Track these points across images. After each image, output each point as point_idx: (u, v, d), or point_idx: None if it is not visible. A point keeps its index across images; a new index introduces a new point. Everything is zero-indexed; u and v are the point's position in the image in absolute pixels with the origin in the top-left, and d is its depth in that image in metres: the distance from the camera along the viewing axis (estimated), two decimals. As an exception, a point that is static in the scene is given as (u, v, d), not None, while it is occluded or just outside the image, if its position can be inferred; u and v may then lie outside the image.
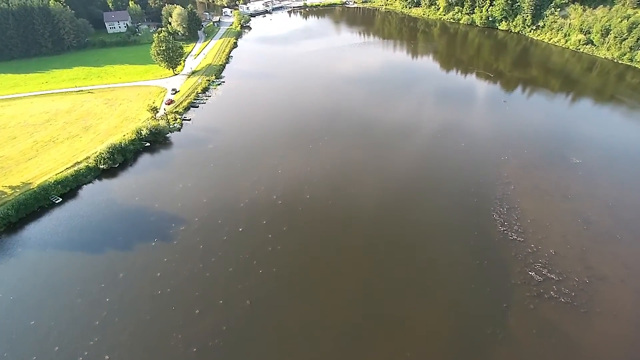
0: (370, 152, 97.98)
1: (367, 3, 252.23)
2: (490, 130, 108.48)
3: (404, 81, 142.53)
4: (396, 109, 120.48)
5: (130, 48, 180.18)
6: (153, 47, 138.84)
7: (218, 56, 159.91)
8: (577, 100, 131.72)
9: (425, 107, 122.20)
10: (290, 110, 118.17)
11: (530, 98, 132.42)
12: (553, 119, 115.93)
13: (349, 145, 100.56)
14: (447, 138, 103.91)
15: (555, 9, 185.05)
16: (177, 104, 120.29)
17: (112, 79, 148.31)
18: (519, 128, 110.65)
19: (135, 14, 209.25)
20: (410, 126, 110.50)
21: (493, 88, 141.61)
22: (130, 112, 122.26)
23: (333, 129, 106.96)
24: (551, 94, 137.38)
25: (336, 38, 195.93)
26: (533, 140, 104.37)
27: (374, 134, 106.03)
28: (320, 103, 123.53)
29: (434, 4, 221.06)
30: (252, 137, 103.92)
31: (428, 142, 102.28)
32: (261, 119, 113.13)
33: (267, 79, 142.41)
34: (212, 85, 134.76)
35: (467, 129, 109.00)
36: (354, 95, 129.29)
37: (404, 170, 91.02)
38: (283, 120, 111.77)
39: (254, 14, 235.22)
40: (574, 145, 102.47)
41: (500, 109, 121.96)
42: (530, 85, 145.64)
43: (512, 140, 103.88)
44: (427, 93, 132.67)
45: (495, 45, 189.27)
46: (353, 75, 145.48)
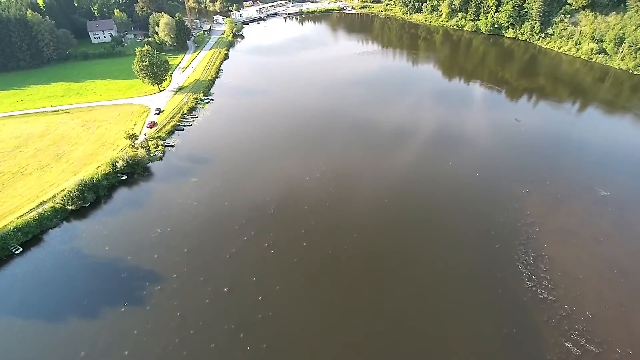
0: (373, 185, 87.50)
1: (366, 9, 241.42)
2: (506, 156, 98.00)
3: (408, 97, 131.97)
4: (401, 131, 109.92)
5: (114, 60, 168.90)
6: (135, 63, 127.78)
7: (207, 70, 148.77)
8: (596, 118, 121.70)
9: (433, 130, 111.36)
10: (283, 135, 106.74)
11: (543, 114, 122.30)
12: (571, 141, 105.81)
13: (353, 183, 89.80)
14: (460, 166, 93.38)
15: (565, 15, 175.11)
16: (160, 127, 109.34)
17: (92, 97, 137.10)
18: (537, 152, 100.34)
19: (121, 22, 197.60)
20: (417, 154, 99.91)
21: (503, 103, 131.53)
22: (108, 136, 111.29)
23: (336, 161, 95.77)
24: (565, 109, 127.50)
25: (334, 48, 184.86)
26: (554, 168, 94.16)
27: (377, 164, 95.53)
28: (319, 125, 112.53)
29: (436, 10, 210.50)
30: (241, 168, 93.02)
31: (439, 173, 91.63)
32: (251, 145, 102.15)
33: (259, 97, 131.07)
34: (200, 104, 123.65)
35: (480, 154, 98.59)
36: (356, 118, 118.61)
37: (411, 208, 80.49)
38: (276, 148, 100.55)
39: (247, 21, 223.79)
40: (599, 173, 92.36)
41: (513, 128, 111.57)
42: (542, 99, 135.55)
43: (531, 168, 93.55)
44: (433, 113, 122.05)
45: (502, 54, 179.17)
46: (354, 92, 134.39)
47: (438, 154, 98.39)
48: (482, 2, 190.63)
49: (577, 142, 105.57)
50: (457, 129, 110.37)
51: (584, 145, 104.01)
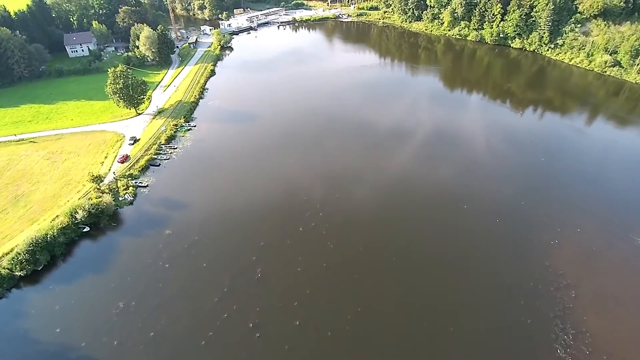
0: (376, 225, 75.09)
1: (363, 17, 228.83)
2: (528, 196, 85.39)
3: (412, 122, 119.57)
4: (406, 165, 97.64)
5: (91, 77, 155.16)
6: (108, 85, 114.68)
7: (191, 89, 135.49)
8: (620, 145, 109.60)
9: (444, 168, 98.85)
10: (273, 172, 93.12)
11: (561, 139, 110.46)
12: (597, 174, 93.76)
13: (355, 238, 77.20)
14: (476, 210, 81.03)
15: (576, 25, 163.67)
16: (133, 162, 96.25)
17: (61, 122, 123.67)
18: (561, 189, 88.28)
19: (101, 34, 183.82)
20: (427, 191, 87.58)
21: (515, 122, 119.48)
22: (75, 172, 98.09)
23: (333, 208, 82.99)
24: (585, 132, 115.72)
25: (330, 61, 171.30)
26: (582, 209, 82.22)
27: (378, 202, 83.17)
28: (314, 160, 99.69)
29: (437, 19, 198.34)
30: (223, 216, 80.00)
31: (452, 221, 79.13)
32: (235, 185, 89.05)
33: (247, 122, 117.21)
34: (181, 132, 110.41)
35: (498, 194, 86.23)
36: (355, 146, 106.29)
37: (419, 272, 68.01)
38: (264, 189, 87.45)
39: (236, 31, 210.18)
40: (633, 215, 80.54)
41: (532, 161, 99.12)
42: (558, 119, 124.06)
43: (558, 211, 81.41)
44: (440, 137, 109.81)
45: (509, 66, 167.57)
46: (354, 117, 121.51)
47: (450, 197, 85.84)
48: (486, 10, 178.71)
49: (603, 175, 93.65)
50: (471, 164, 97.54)
51: (610, 179, 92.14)
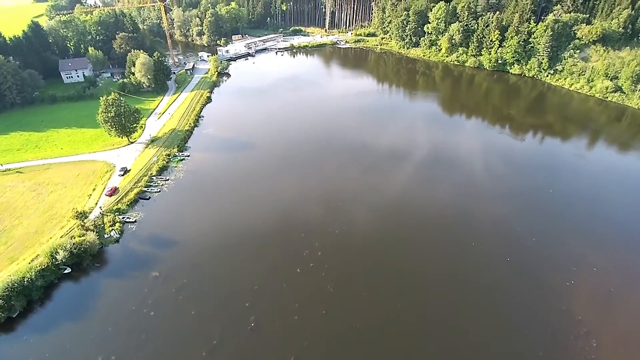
0: (378, 266, 69.83)
1: (360, 43, 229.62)
2: (539, 231, 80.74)
3: (414, 147, 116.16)
4: (410, 192, 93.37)
5: (84, 104, 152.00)
6: (99, 114, 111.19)
7: (185, 117, 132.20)
8: (631, 171, 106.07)
9: (447, 191, 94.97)
10: (269, 206, 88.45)
11: (566, 165, 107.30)
12: (609, 205, 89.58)
13: (358, 288, 72.10)
14: (485, 246, 76.17)
15: (575, 51, 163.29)
16: (122, 195, 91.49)
17: (51, 151, 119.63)
18: (573, 223, 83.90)
19: (97, 61, 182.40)
20: (433, 227, 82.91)
21: (519, 149, 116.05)
22: (60, 206, 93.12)
23: (333, 248, 78.08)
24: (591, 158, 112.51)
25: (328, 88, 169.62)
26: (596, 245, 77.72)
27: (380, 240, 78.29)
28: (313, 190, 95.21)
29: (435, 45, 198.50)
30: (215, 255, 74.76)
31: (459, 260, 74.20)
32: (229, 221, 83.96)
33: (242, 152, 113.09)
34: (173, 162, 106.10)
35: (507, 229, 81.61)
36: (356, 174, 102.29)
37: (426, 317, 62.57)
38: (259, 225, 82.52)
39: (234, 57, 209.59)
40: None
41: (541, 194, 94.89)
42: (561, 143, 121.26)
43: (572, 248, 76.73)
44: (442, 165, 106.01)
45: (509, 92, 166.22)
46: (352, 143, 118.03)
47: (457, 233, 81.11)
48: (484, 37, 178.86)
49: (616, 207, 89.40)
50: (475, 196, 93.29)
51: (624, 212, 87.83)
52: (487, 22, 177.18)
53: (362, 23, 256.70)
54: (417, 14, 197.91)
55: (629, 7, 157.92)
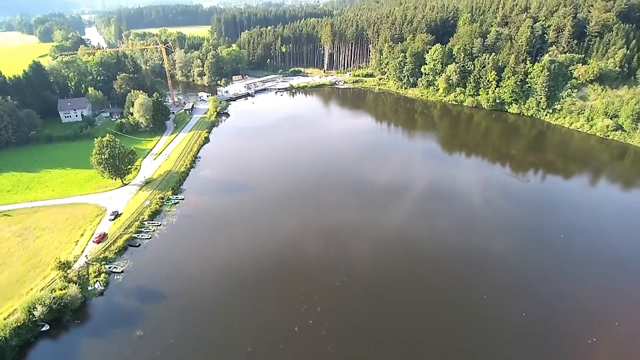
0: (383, 324, 63.90)
1: (359, 83, 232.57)
2: (554, 282, 75.40)
3: (415, 196, 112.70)
4: (412, 248, 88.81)
5: (81, 143, 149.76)
6: (93, 155, 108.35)
7: (182, 158, 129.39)
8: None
9: (453, 248, 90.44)
10: (266, 255, 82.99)
11: (575, 207, 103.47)
12: (625, 250, 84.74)
13: (357, 325, 66.34)
14: (498, 301, 70.69)
15: (572, 90, 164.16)
16: (110, 242, 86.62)
17: (42, 192, 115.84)
18: (588, 271, 78.84)
19: (96, 100, 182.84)
20: (442, 278, 77.75)
21: (523, 190, 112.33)
22: (45, 253, 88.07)
23: (332, 296, 72.75)
24: (599, 199, 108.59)
25: (327, 128, 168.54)
26: (614, 295, 72.46)
27: (384, 296, 72.84)
28: (312, 236, 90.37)
29: (433, 85, 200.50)
30: (205, 309, 68.90)
31: (469, 316, 68.59)
32: (223, 270, 78.67)
33: (240, 195, 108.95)
34: (166, 206, 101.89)
35: (519, 280, 76.39)
36: (357, 220, 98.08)
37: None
38: (254, 274, 77.11)
39: (233, 97, 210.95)
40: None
41: (547, 230, 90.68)
42: (567, 183, 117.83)
43: (590, 299, 71.33)
44: (449, 209, 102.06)
45: (508, 131, 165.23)
46: (353, 183, 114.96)
47: (466, 282, 75.93)
48: (481, 77, 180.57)
49: (633, 254, 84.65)
50: (485, 242, 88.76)
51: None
52: (483, 63, 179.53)
53: (360, 64, 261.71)
54: (413, 56, 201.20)
55: (624, 47, 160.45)
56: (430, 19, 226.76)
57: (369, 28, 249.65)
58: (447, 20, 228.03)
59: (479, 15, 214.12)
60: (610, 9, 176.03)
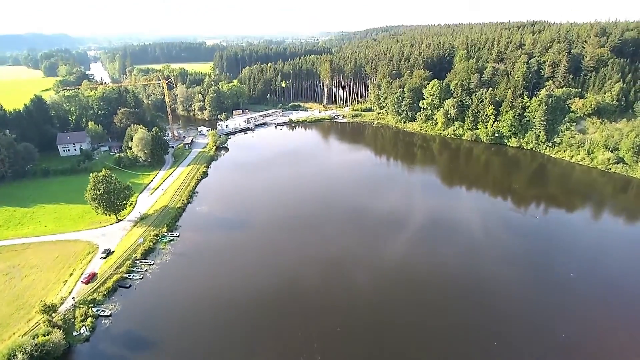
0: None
1: (358, 117, 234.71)
2: (567, 324, 71.56)
3: (418, 235, 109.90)
4: (421, 279, 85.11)
5: (77, 178, 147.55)
6: (88, 191, 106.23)
7: (179, 193, 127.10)
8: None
9: (463, 282, 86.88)
10: (262, 294, 79.37)
11: (585, 244, 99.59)
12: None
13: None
14: (510, 349, 66.31)
15: (571, 123, 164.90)
16: (100, 283, 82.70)
17: (34, 228, 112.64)
18: (604, 314, 74.68)
19: (95, 134, 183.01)
20: (452, 327, 73.62)
21: (530, 226, 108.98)
22: (31, 293, 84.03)
23: (333, 345, 68.49)
24: (609, 236, 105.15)
25: (327, 162, 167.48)
26: (636, 341, 67.85)
27: (387, 348, 68.47)
28: (311, 278, 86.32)
29: (431, 119, 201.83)
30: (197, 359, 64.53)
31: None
32: (214, 317, 73.87)
33: (236, 232, 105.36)
34: (160, 244, 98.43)
35: (533, 319, 72.21)
36: (358, 251, 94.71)
37: None
38: (250, 320, 72.50)
39: (233, 131, 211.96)
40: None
41: (558, 270, 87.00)
42: (575, 219, 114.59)
43: (607, 343, 67.03)
44: (454, 248, 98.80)
45: (508, 165, 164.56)
46: (354, 221, 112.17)
47: (478, 330, 71.77)
48: (479, 111, 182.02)
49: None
50: (490, 283, 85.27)
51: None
52: (481, 97, 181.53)
53: (359, 99, 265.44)
54: (411, 91, 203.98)
55: (620, 81, 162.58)
56: (426, 55, 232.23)
57: (367, 64, 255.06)
58: (443, 57, 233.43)
59: (475, 52, 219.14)
60: (604, 45, 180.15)
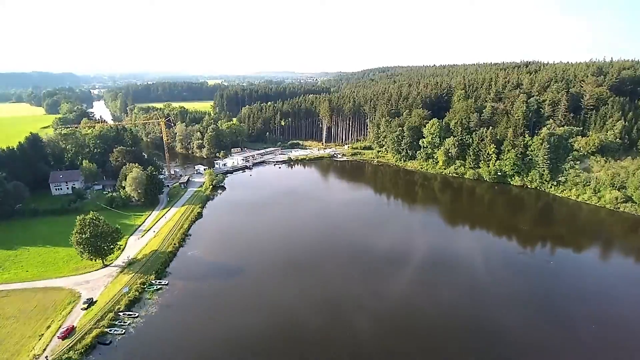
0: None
1: (357, 156, 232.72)
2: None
3: (422, 279, 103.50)
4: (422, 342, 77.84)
5: (67, 219, 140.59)
6: (73, 234, 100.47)
7: (171, 235, 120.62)
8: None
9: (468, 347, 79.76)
10: (261, 350, 72.62)
11: (603, 293, 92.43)
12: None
13: None
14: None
15: (575, 162, 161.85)
16: (77, 339, 75.12)
17: (15, 273, 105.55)
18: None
19: (89, 173, 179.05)
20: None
21: (548, 274, 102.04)
22: (5, 347, 76.82)
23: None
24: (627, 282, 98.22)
25: (326, 203, 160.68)
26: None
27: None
28: (311, 329, 79.64)
29: (432, 158, 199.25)
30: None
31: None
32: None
33: (230, 279, 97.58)
34: (148, 292, 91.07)
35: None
36: (360, 300, 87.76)
37: None
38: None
39: (231, 170, 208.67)
40: None
41: (575, 324, 79.93)
42: (590, 262, 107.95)
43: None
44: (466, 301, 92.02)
45: (512, 203, 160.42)
46: (355, 264, 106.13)
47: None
48: (480, 150, 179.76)
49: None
50: (499, 337, 78.30)
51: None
52: (481, 136, 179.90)
53: (358, 137, 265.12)
54: (411, 129, 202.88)
55: (622, 119, 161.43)
56: (425, 95, 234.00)
57: (365, 104, 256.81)
58: (441, 96, 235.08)
59: (473, 92, 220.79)
60: (601, 84, 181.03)
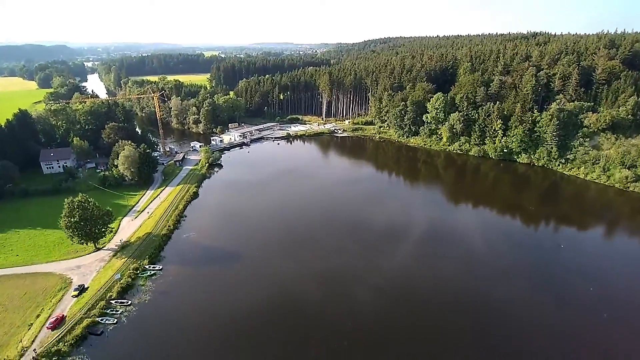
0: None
1: (358, 131, 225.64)
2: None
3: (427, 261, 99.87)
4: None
5: (58, 199, 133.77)
6: (62, 218, 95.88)
7: (166, 217, 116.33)
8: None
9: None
10: (257, 344, 69.41)
11: (621, 286, 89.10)
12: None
13: None
14: None
15: (584, 139, 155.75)
16: (67, 329, 71.81)
17: (4, 258, 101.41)
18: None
19: (81, 151, 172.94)
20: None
21: (557, 256, 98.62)
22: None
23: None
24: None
25: (327, 182, 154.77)
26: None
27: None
28: (312, 321, 76.34)
29: (436, 134, 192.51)
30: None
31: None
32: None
33: (227, 263, 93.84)
34: (141, 279, 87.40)
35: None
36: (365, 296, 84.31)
37: None
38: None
39: (228, 146, 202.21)
40: None
41: (590, 316, 76.76)
42: (591, 239, 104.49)
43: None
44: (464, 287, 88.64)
45: (518, 182, 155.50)
46: (357, 244, 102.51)
47: None
48: (486, 126, 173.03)
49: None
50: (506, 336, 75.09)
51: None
52: (488, 111, 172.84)
53: (359, 112, 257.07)
54: (414, 104, 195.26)
55: (635, 94, 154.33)
56: (429, 67, 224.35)
57: (367, 77, 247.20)
58: (446, 69, 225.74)
59: (479, 64, 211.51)
60: (614, 57, 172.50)
